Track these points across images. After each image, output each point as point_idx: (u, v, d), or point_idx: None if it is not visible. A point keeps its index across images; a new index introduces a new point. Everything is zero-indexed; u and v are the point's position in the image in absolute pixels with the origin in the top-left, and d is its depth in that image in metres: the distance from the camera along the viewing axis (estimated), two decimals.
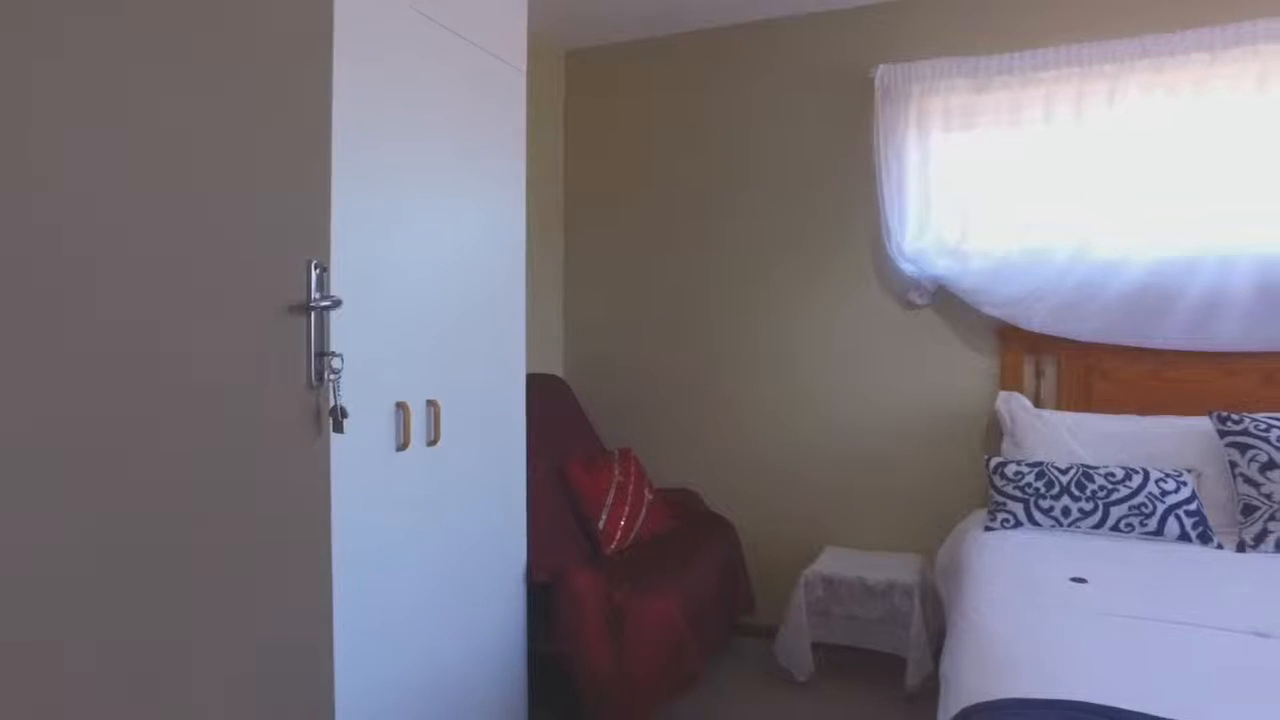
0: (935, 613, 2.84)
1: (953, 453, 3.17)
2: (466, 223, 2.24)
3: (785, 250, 3.46)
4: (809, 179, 3.42)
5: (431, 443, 2.07)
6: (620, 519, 3.07)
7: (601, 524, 3.02)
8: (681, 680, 2.64)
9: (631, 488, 3.19)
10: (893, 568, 3.01)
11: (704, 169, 3.60)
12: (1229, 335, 2.82)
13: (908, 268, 3.15)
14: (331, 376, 1.28)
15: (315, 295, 1.25)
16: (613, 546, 2.99)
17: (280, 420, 1.22)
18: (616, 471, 3.21)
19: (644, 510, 3.16)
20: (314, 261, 1.25)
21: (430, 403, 2.06)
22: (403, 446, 1.95)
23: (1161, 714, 1.37)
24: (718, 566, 3.07)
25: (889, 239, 3.14)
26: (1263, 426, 2.52)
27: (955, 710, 1.52)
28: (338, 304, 1.28)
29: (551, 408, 3.33)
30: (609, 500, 3.09)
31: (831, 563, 3.10)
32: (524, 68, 2.48)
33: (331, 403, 1.29)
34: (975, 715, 1.45)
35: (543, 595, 2.46)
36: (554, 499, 2.96)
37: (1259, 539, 2.38)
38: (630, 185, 3.75)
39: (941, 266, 3.10)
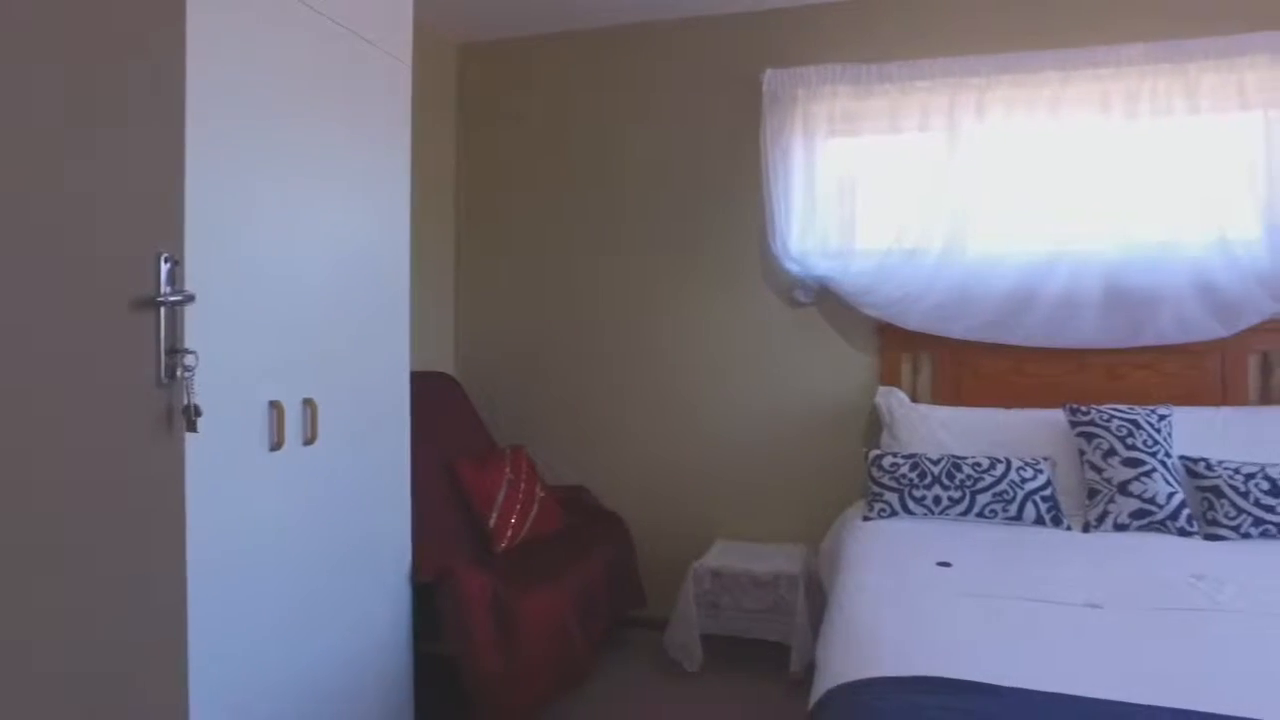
0: (819, 601, 2.94)
1: (836, 446, 3.29)
2: (346, 216, 2.18)
3: (677, 249, 3.52)
4: (700, 180, 3.49)
5: (308, 442, 2.00)
6: (511, 517, 3.06)
7: (492, 522, 3.00)
8: (572, 677, 2.65)
9: (523, 486, 3.18)
10: (779, 559, 3.11)
11: (597, 169, 3.62)
12: (1081, 333, 3.03)
13: (793, 267, 3.25)
14: (185, 374, 1.23)
15: (166, 289, 1.19)
16: (503, 545, 2.98)
17: (126, 419, 1.17)
18: (508, 470, 3.19)
19: (535, 508, 3.15)
20: (164, 254, 1.20)
21: (307, 401, 2.00)
22: (276, 446, 1.89)
23: (1004, 683, 1.48)
24: (608, 562, 3.09)
25: (775, 239, 3.24)
26: (1106, 417, 2.73)
27: (823, 691, 1.59)
28: (190, 299, 1.23)
29: (441, 406, 3.28)
30: (500, 498, 3.07)
31: (721, 555, 3.17)
32: (409, 59, 2.43)
33: (185, 401, 1.24)
34: (839, 695, 1.52)
35: (430, 595, 2.42)
36: (443, 497, 2.92)
37: (1100, 519, 2.58)
38: (525, 184, 3.73)
39: (824, 267, 3.22)
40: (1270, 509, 2.45)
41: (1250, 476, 2.51)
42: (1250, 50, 2.89)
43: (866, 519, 2.72)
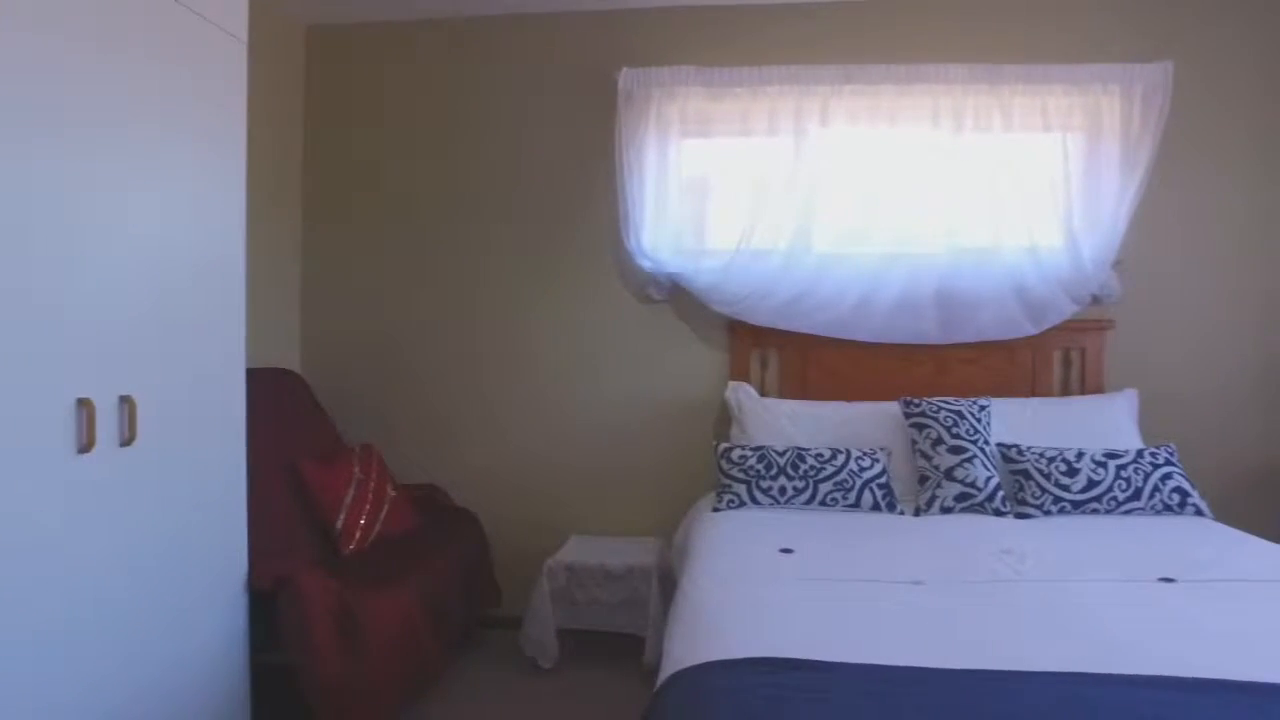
0: (672, 593, 3.00)
1: (689, 440, 3.38)
2: (169, 203, 2.03)
3: (531, 247, 3.51)
4: (556, 177, 3.49)
5: (126, 442, 1.86)
6: (360, 517, 2.95)
7: (340, 523, 2.88)
8: (422, 679, 2.59)
9: (373, 485, 3.07)
10: (633, 552, 3.16)
11: (452, 163, 3.55)
12: (916, 331, 3.26)
13: (646, 265, 3.30)
14: None
15: None
16: (352, 546, 2.87)
17: None
18: (356, 469, 3.07)
19: (386, 507, 3.05)
20: None
21: (124, 399, 1.85)
22: (86, 448, 1.74)
23: (833, 658, 1.56)
24: (461, 561, 3.04)
25: (629, 237, 3.28)
26: (935, 408, 2.95)
27: (665, 677, 1.63)
28: None
29: (284, 403, 3.13)
30: (348, 499, 2.95)
31: (575, 550, 3.18)
32: (244, 36, 2.29)
33: None
34: (679, 680, 1.56)
35: (269, 602, 2.30)
36: (284, 499, 2.78)
37: (929, 504, 2.78)
38: (375, 177, 3.60)
39: (676, 264, 3.29)
40: (1066, 488, 2.72)
41: (1052, 460, 2.78)
42: (1050, 79, 3.20)
43: (716, 510, 2.81)
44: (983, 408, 2.98)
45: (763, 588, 2.03)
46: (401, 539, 3.02)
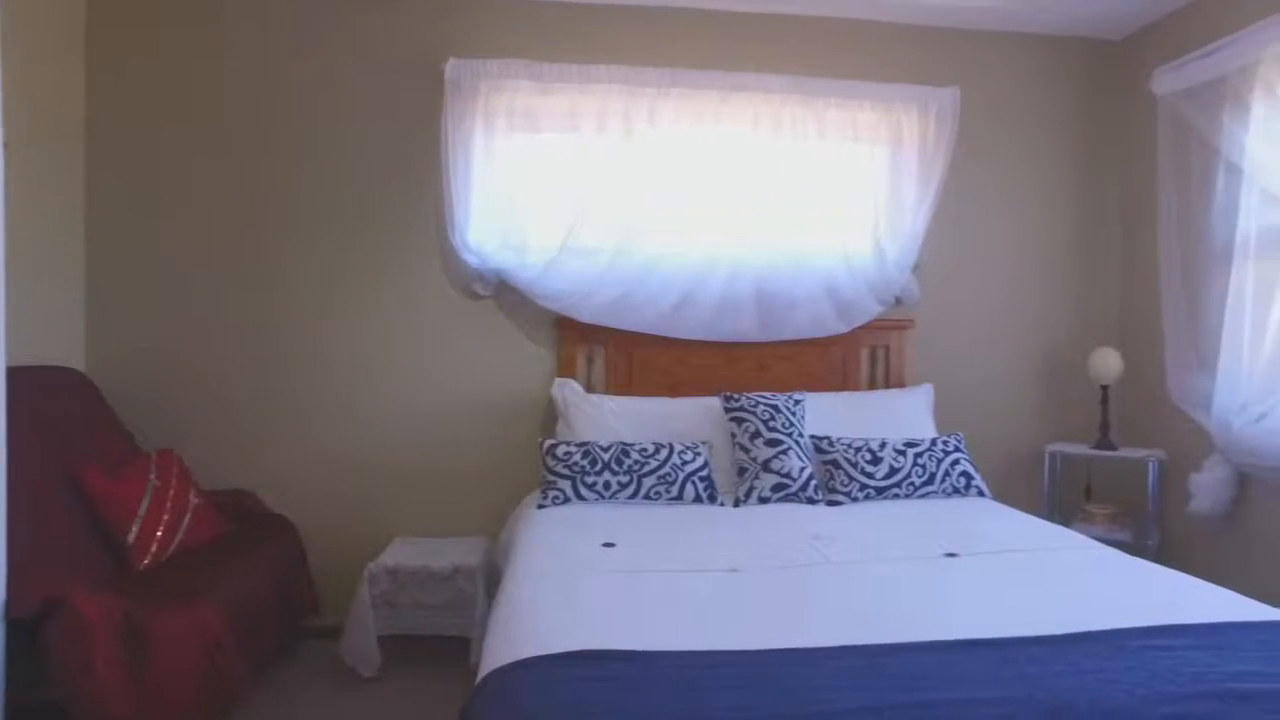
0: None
1: (516, 437, 3.35)
2: None
3: (353, 240, 3.34)
4: (380, 169, 3.34)
5: None
6: (157, 529, 2.71)
7: (132, 536, 2.63)
8: (225, 699, 2.41)
9: (172, 493, 2.82)
10: (458, 552, 3.09)
11: (264, 152, 3.31)
12: (737, 329, 3.40)
13: (471, 260, 3.24)
14: None
15: None
16: (147, 561, 2.63)
17: None
18: (153, 476, 2.82)
19: (188, 516, 2.82)
20: None
21: None
22: None
23: (647, 648, 1.60)
24: (274, 570, 2.87)
25: (454, 231, 3.20)
26: (753, 403, 3.09)
27: (481, 675, 1.61)
28: None
29: (64, 406, 2.81)
30: (142, 509, 2.70)
31: (398, 553, 3.08)
32: None
33: None
34: (495, 678, 1.55)
35: (36, 630, 2.05)
36: (62, 513, 2.50)
37: (747, 494, 2.91)
38: (174, 160, 3.29)
39: (502, 260, 3.26)
40: (871, 475, 2.93)
41: (859, 450, 2.99)
42: (859, 95, 3.44)
43: (541, 506, 2.80)
44: (797, 402, 3.16)
45: (583, 582, 2.05)
46: (207, 549, 2.80)
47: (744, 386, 3.29)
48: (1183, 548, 3.35)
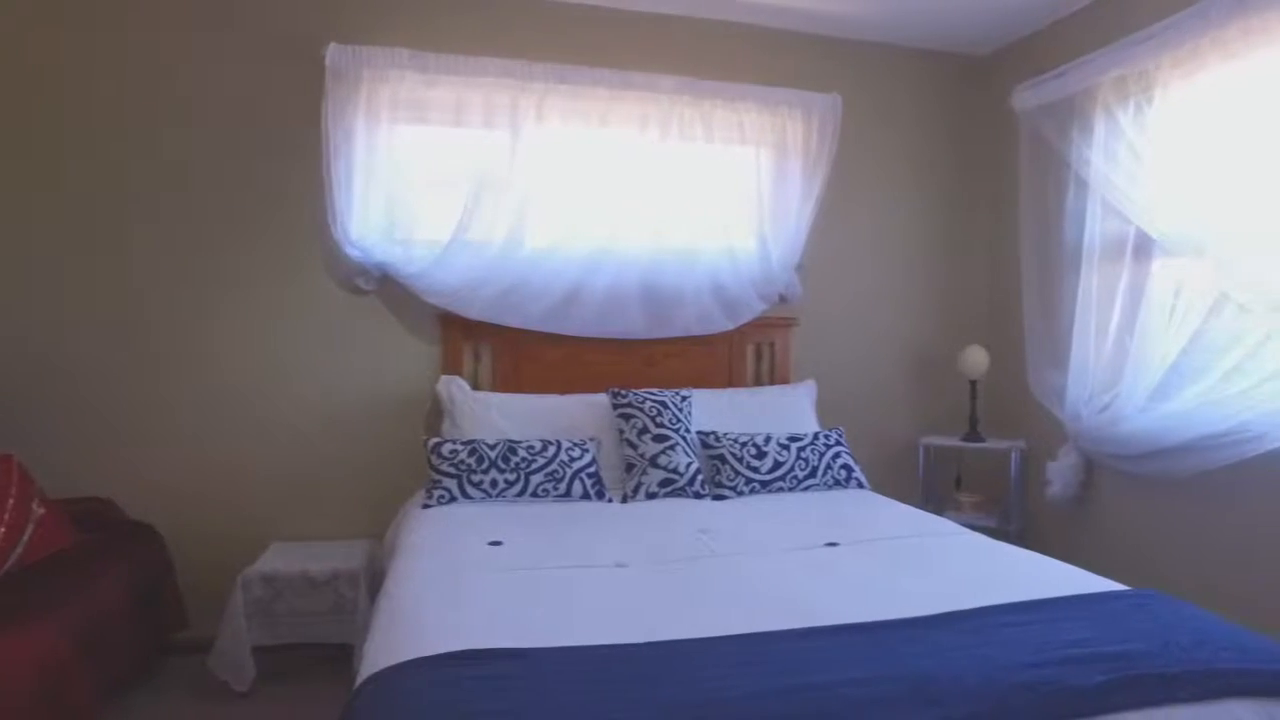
0: None
1: (400, 435, 3.25)
2: None
3: (227, 232, 3.16)
4: (257, 158, 3.16)
5: None
6: None
7: None
8: None
9: (11, 503, 2.59)
10: (340, 556, 2.98)
11: (121, 128, 3.07)
12: (625, 325, 3.41)
13: (354, 254, 3.12)
14: None
15: None
16: None
17: None
18: None
19: (30, 528, 2.59)
20: None
21: None
22: None
23: (534, 645, 1.58)
24: (133, 583, 2.67)
25: (335, 224, 3.07)
26: (641, 399, 3.11)
27: (359, 681, 1.55)
28: None
29: None
30: None
31: (275, 559, 2.93)
32: None
33: None
34: (374, 683, 1.49)
35: None
36: None
37: (636, 490, 2.92)
38: (18, 134, 3.01)
39: (386, 254, 3.15)
40: (756, 470, 3.00)
41: (744, 445, 3.05)
42: (745, 98, 3.52)
43: (426, 506, 2.73)
44: (684, 398, 3.20)
45: (468, 581, 2.01)
46: (52, 564, 2.58)
47: (633, 383, 3.31)
48: (1041, 530, 3.59)
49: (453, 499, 2.76)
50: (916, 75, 3.94)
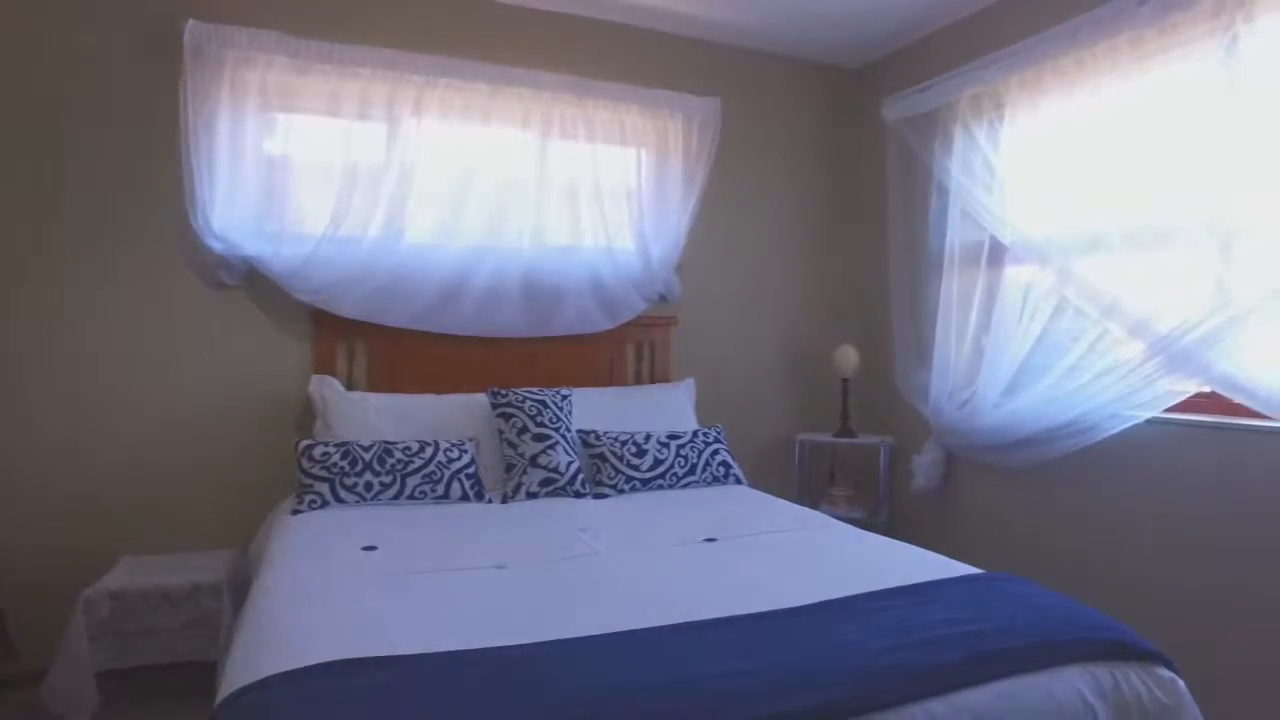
0: None
1: (268, 438, 3.08)
2: None
3: (67, 223, 2.88)
4: (103, 140, 2.91)
5: None
6: None
7: None
8: None
9: None
10: (201, 568, 2.79)
11: None
12: (505, 324, 3.36)
13: (216, 246, 2.93)
14: None
15: None
16: None
17: None
18: None
19: None
20: None
21: None
22: None
23: (410, 651, 1.53)
24: None
25: (196, 214, 2.88)
26: (520, 398, 3.08)
27: (218, 701, 1.46)
28: None
29: None
30: None
31: (125, 574, 2.71)
32: None
33: None
34: (234, 701, 1.41)
35: None
36: None
37: (516, 490, 2.89)
38: None
39: (252, 248, 2.98)
40: (637, 468, 3.03)
41: (624, 443, 3.07)
42: (628, 99, 3.55)
43: (296, 512, 2.60)
44: (565, 397, 3.19)
45: (340, 588, 1.93)
46: None
47: (514, 382, 3.27)
48: (908, 520, 3.79)
49: (325, 503, 2.64)
50: (794, 83, 4.08)
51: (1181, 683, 1.70)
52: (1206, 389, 2.57)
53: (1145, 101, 2.70)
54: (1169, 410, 2.65)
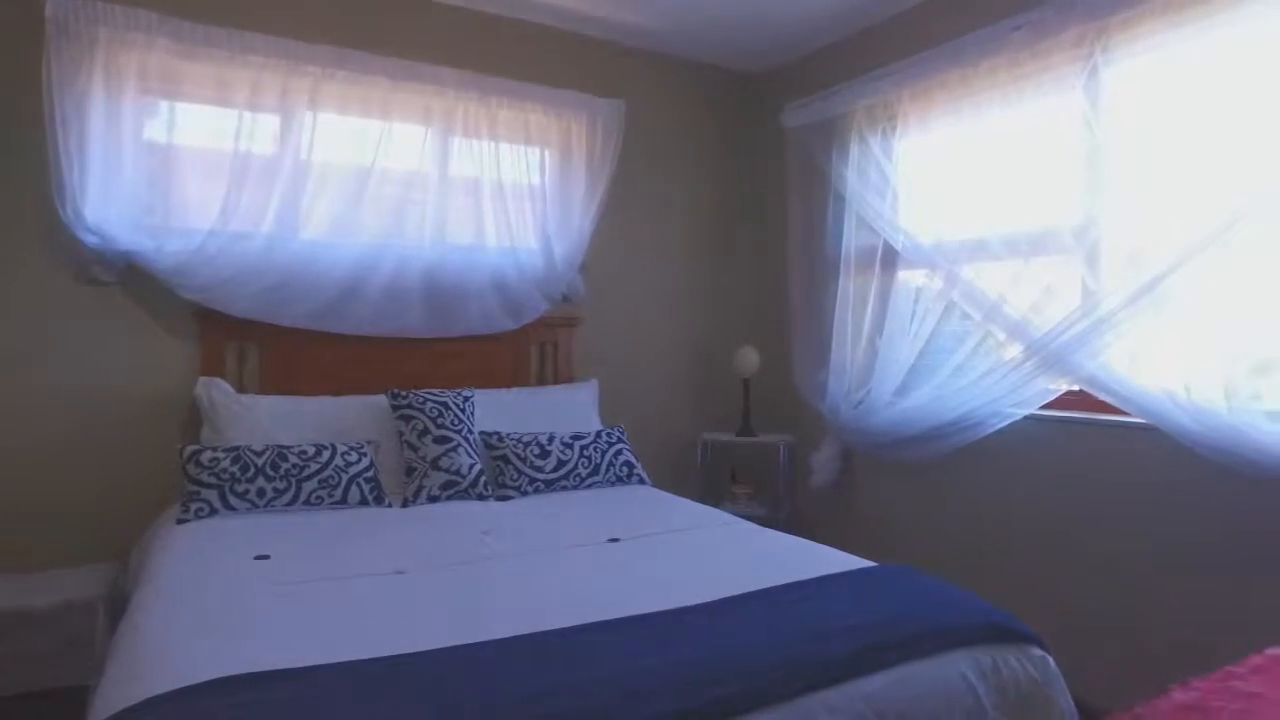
0: None
1: (150, 445, 2.90)
2: None
3: None
4: None
5: None
6: None
7: None
8: None
9: None
10: (73, 585, 2.61)
11: None
12: (406, 324, 3.28)
13: (90, 240, 2.73)
14: None
15: None
16: None
17: None
18: None
19: None
20: None
21: None
22: None
23: (306, 663, 1.48)
24: None
25: (65, 205, 2.68)
26: (421, 400, 3.01)
27: None
28: None
29: None
30: None
31: None
32: None
33: None
34: None
35: None
36: None
37: (417, 494, 2.83)
38: None
39: (132, 242, 2.80)
40: (540, 469, 3.01)
41: (528, 444, 3.05)
42: (532, 98, 3.53)
43: (182, 521, 2.47)
44: (467, 398, 3.14)
45: (229, 600, 1.85)
46: None
47: (417, 384, 3.19)
48: (807, 516, 3.90)
49: (214, 511, 2.51)
50: (697, 87, 4.14)
51: (1052, 661, 1.82)
52: (1076, 388, 2.76)
53: (1022, 119, 2.87)
54: (1044, 407, 2.83)
